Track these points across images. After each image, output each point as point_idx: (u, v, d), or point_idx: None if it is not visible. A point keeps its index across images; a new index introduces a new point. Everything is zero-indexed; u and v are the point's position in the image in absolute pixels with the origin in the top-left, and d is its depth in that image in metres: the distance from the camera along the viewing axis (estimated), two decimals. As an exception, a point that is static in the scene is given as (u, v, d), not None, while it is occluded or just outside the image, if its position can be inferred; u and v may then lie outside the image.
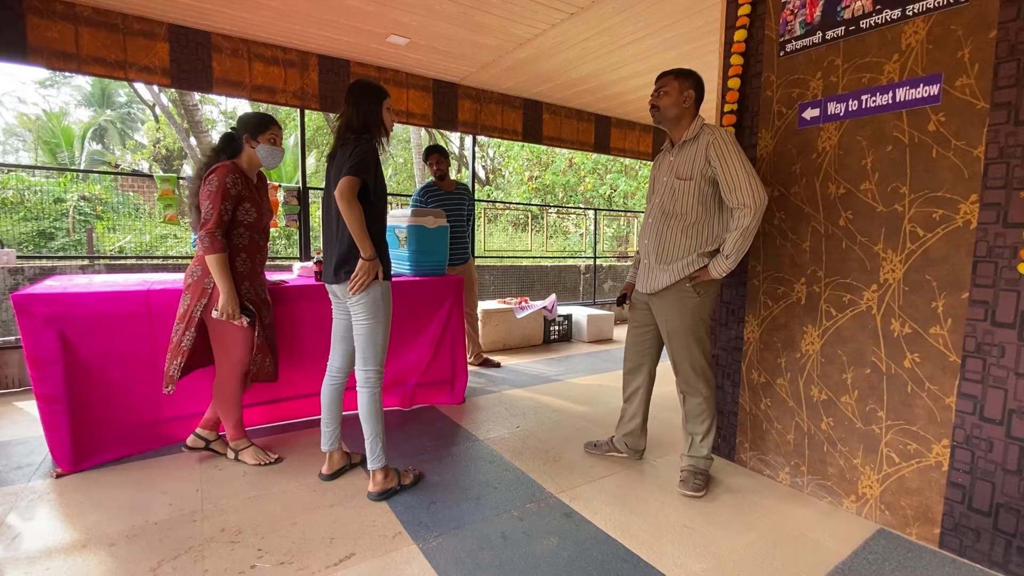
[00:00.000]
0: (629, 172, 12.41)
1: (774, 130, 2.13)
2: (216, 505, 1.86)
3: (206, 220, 1.93)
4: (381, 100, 1.89)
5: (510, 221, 12.23)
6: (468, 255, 3.82)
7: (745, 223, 1.80)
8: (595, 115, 5.37)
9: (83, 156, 14.01)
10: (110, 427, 2.17)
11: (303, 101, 3.78)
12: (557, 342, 4.93)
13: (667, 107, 1.95)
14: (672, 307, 1.99)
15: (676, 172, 1.96)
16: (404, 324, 2.84)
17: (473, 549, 1.64)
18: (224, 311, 1.95)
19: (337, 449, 2.08)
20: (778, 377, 2.14)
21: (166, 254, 7.25)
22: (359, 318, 1.88)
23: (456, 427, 2.67)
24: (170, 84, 3.36)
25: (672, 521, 1.83)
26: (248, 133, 2.05)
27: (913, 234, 1.73)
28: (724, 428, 2.35)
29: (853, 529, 1.81)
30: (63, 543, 1.62)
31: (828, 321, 1.97)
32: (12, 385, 3.14)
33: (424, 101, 4.30)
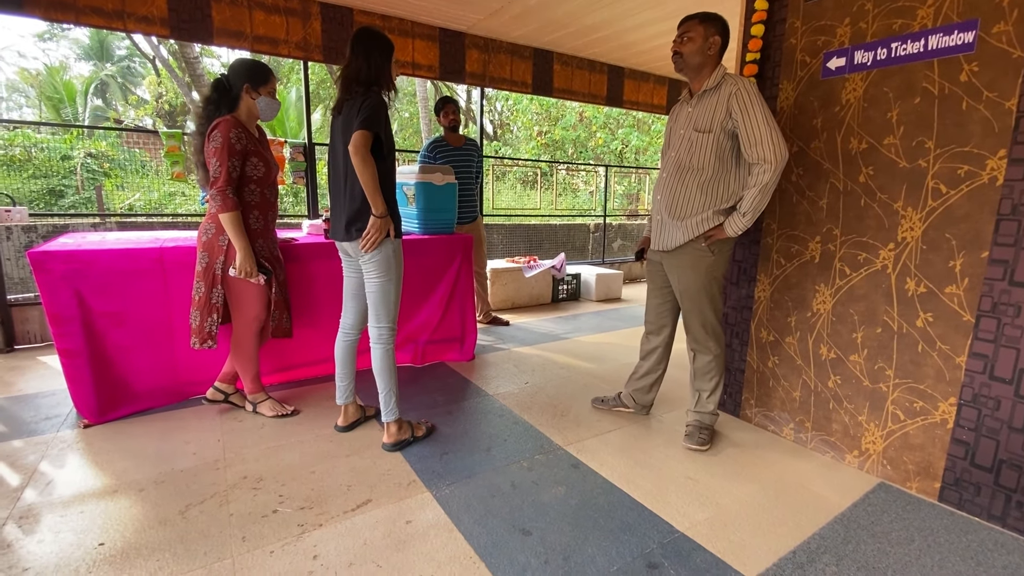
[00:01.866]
0: (641, 127, 12.05)
1: (796, 81, 2.04)
2: (237, 454, 1.94)
3: (215, 178, 1.91)
4: (390, 53, 1.83)
5: (518, 178, 12.04)
6: (476, 213, 3.78)
7: (764, 179, 1.75)
8: (608, 66, 5.17)
9: (86, 112, 13.83)
10: (131, 381, 2.24)
11: (306, 52, 3.66)
12: (565, 301, 4.94)
13: (691, 54, 1.85)
14: (685, 265, 1.97)
15: (694, 124, 1.89)
16: (414, 282, 2.85)
17: (484, 496, 1.71)
18: (242, 269, 1.97)
19: (352, 402, 2.14)
20: (787, 336, 2.14)
21: (175, 212, 7.26)
22: (371, 276, 1.89)
23: (466, 382, 2.73)
24: (169, 35, 3.26)
25: (676, 473, 1.89)
26: (249, 83, 1.99)
27: (936, 191, 1.68)
28: (730, 385, 2.38)
29: (854, 482, 1.85)
30: (95, 488, 1.71)
31: (841, 280, 1.95)
32: (34, 340, 3.23)
33: (430, 52, 4.15)
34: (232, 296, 2.09)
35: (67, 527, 1.51)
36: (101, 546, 1.44)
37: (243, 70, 1.99)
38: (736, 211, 1.85)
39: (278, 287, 2.15)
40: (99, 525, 1.52)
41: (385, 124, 1.78)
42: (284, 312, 2.20)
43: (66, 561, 1.37)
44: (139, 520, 1.55)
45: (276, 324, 2.16)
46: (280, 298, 2.15)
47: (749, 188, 1.80)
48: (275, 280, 2.12)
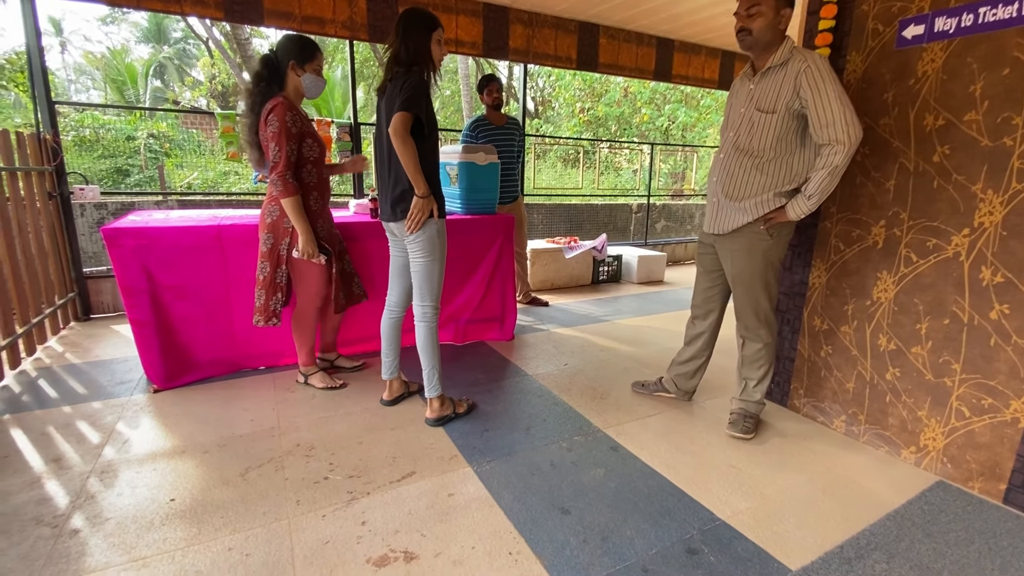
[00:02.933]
0: (690, 102, 11.57)
1: (866, 52, 1.90)
2: (291, 423, 2.05)
3: (275, 163, 1.97)
4: (431, 31, 1.81)
5: (559, 156, 11.86)
6: (518, 193, 3.76)
7: (836, 161, 1.63)
8: (656, 38, 4.96)
9: (147, 93, 14.51)
10: (193, 351, 2.38)
11: (352, 32, 3.69)
12: (606, 283, 4.89)
13: (761, 30, 1.70)
14: (741, 249, 1.89)
15: (756, 103, 1.78)
16: (457, 262, 2.89)
17: (524, 474, 1.74)
18: (304, 251, 2.06)
19: (396, 378, 2.21)
20: (843, 324, 2.05)
21: (229, 190, 7.58)
22: (416, 255, 1.92)
23: (506, 362, 2.76)
24: (223, 17, 3.35)
25: (719, 460, 1.86)
26: (295, 60, 2.01)
27: (1021, 172, 1.55)
28: (779, 374, 2.30)
29: (910, 479, 1.78)
30: (165, 448, 1.85)
31: (906, 267, 1.84)
32: (107, 311, 3.49)
33: (474, 28, 4.09)
34: (296, 274, 2.18)
35: (142, 483, 1.65)
36: (172, 501, 1.56)
37: (290, 46, 2.01)
38: (800, 193, 1.74)
39: (337, 262, 2.25)
40: (170, 482, 1.65)
41: (426, 104, 1.78)
42: (350, 282, 2.34)
43: (142, 514, 1.50)
44: (204, 479, 1.67)
45: (346, 295, 2.29)
46: (340, 272, 2.27)
47: (817, 170, 1.68)
48: (334, 256, 2.21)
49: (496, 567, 1.33)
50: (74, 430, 1.96)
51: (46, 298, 2.92)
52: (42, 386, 2.33)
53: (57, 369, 2.53)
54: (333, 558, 1.35)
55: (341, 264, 2.31)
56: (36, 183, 2.92)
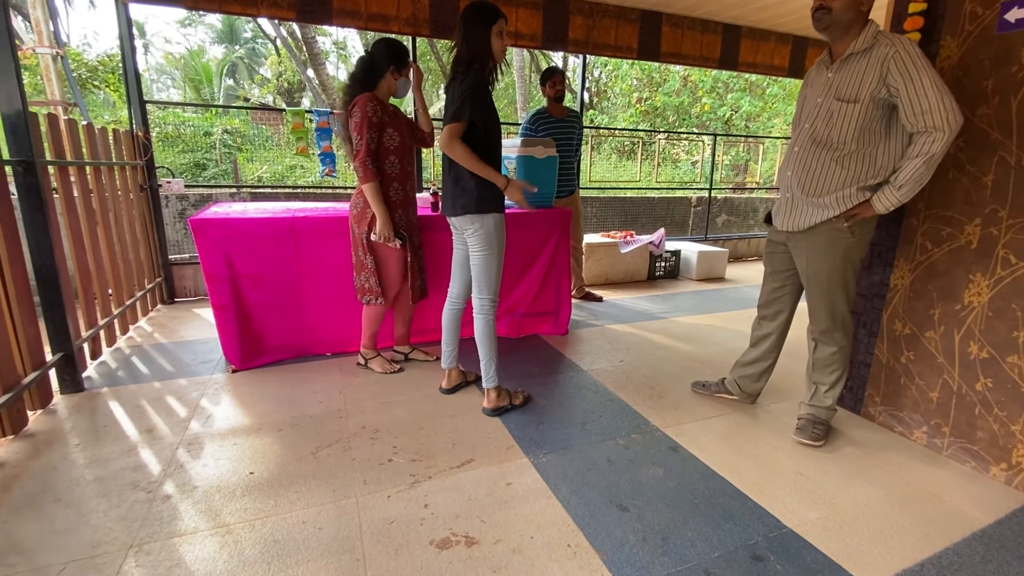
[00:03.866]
0: (754, 90, 11.03)
1: (963, 36, 1.75)
2: (357, 406, 2.15)
3: (357, 151, 2.09)
4: (490, 25, 1.82)
5: (614, 148, 11.63)
6: (575, 186, 3.74)
7: (934, 149, 1.51)
8: (723, 25, 4.75)
9: (221, 91, 15.44)
10: (267, 335, 2.54)
11: (415, 28, 3.77)
12: (663, 279, 4.78)
13: (842, 9, 1.59)
14: (819, 247, 1.79)
15: (836, 92, 1.68)
16: (513, 256, 2.91)
17: (580, 468, 1.75)
18: (381, 234, 2.17)
19: (455, 367, 2.27)
20: (927, 329, 1.91)
21: (296, 183, 7.96)
22: (475, 249, 1.96)
23: (560, 356, 2.77)
24: (296, 18, 3.51)
25: (785, 467, 1.79)
26: (395, 65, 2.15)
27: None
28: (853, 379, 2.18)
29: (999, 498, 1.64)
30: (243, 425, 1.99)
31: (1004, 270, 1.69)
32: (189, 295, 3.77)
33: (534, 20, 4.08)
34: (376, 259, 2.30)
35: (224, 455, 1.78)
36: (251, 474, 1.68)
37: (389, 53, 2.15)
38: (890, 184, 1.62)
39: (414, 253, 2.33)
40: (248, 456, 1.78)
41: (481, 105, 1.80)
42: (417, 279, 2.41)
43: (226, 484, 1.62)
44: (279, 455, 1.79)
45: (416, 290, 2.36)
46: (416, 266, 2.35)
47: (911, 158, 1.56)
48: (411, 247, 2.30)
49: (555, 558, 1.35)
50: (164, 404, 2.14)
51: (138, 282, 3.19)
52: (135, 363, 2.56)
53: (148, 348, 2.77)
54: (398, 537, 1.41)
55: (417, 257, 2.38)
56: (130, 176, 3.19)
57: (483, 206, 1.90)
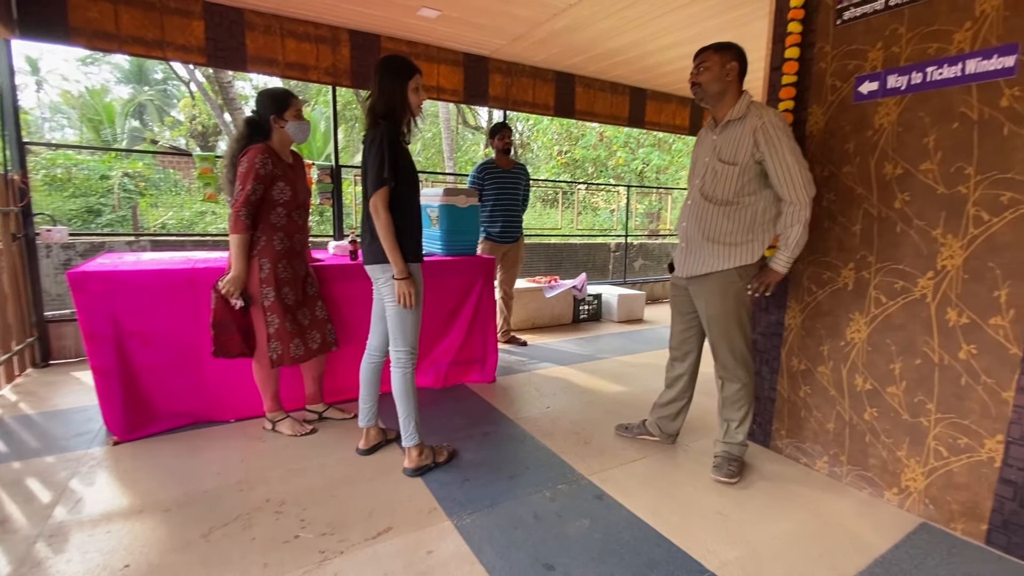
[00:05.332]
0: (662, 146, 12.04)
1: (826, 105, 2.01)
2: (260, 476, 1.94)
3: (235, 199, 1.98)
4: (406, 79, 1.84)
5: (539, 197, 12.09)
6: (520, 233, 3.88)
7: (804, 215, 1.78)
8: (630, 87, 5.19)
9: (124, 133, 14.44)
10: (159, 400, 2.27)
11: (335, 78, 3.77)
12: (587, 321, 4.90)
13: (709, 82, 1.85)
14: (713, 291, 1.94)
15: (719, 154, 1.88)
16: (438, 304, 2.86)
17: (506, 527, 1.67)
18: (227, 286, 2.01)
19: (374, 425, 2.14)
20: (819, 365, 2.08)
21: (205, 231, 7.47)
22: (388, 300, 1.91)
23: (488, 406, 2.71)
24: (206, 63, 3.39)
25: (705, 507, 1.82)
26: (274, 113, 2.06)
27: (977, 218, 1.63)
28: (760, 414, 2.30)
29: (894, 522, 1.76)
30: (121, 508, 1.73)
31: (877, 308, 1.89)
32: (69, 356, 3.33)
33: (455, 76, 4.23)
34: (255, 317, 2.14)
35: (94, 547, 1.53)
36: (126, 568, 1.44)
37: (266, 102, 2.06)
38: (781, 248, 1.84)
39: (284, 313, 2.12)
40: (125, 546, 1.53)
41: (396, 157, 1.79)
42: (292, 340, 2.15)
43: (92, 583, 1.38)
44: (164, 542, 1.56)
45: (280, 355, 2.13)
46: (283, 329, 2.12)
47: (790, 226, 1.80)
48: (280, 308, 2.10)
49: (478, 632, 1.25)
50: (23, 488, 1.82)
51: (2, 344, 2.77)
52: (-10, 440, 2.18)
53: (9, 420, 2.38)
54: (302, 628, 1.25)
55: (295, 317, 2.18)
56: (0, 224, 2.83)
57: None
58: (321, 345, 2.26)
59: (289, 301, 2.14)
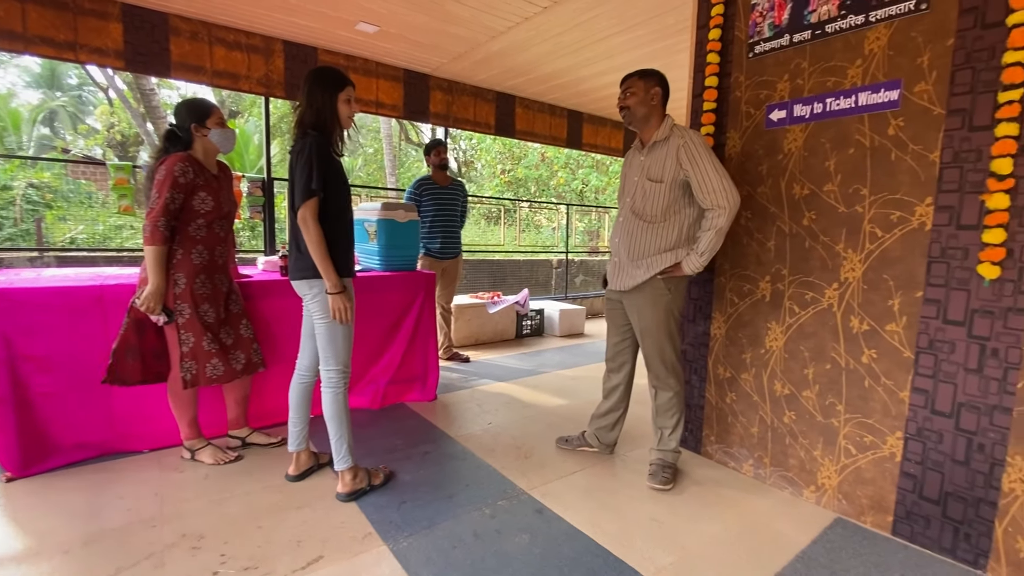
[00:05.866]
0: (600, 167, 12.50)
1: (742, 130, 2.17)
2: (176, 509, 1.79)
3: (151, 209, 1.85)
4: (337, 91, 1.79)
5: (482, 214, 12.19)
6: (458, 250, 3.86)
7: (720, 223, 1.85)
8: (568, 110, 5.37)
9: (32, 141, 13.22)
10: (61, 430, 2.06)
11: (268, 88, 3.65)
12: (529, 337, 4.94)
13: (636, 105, 1.97)
14: (645, 304, 2.02)
15: (647, 173, 1.98)
16: (375, 320, 2.79)
17: (445, 548, 1.63)
18: (145, 302, 1.87)
19: (304, 449, 2.03)
20: (743, 372, 2.20)
21: (121, 246, 6.92)
22: (317, 317, 1.84)
23: (427, 425, 2.65)
24: (124, 67, 3.19)
25: (641, 515, 1.86)
26: (195, 122, 1.95)
27: (872, 234, 1.80)
28: (691, 422, 2.40)
29: (812, 518, 1.88)
30: (14, 551, 1.54)
31: (791, 318, 2.03)
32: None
33: (395, 91, 4.21)
34: (168, 338, 2.00)
35: (-30, 602, 1.34)
36: (9, 623, 1.28)
37: (185, 112, 1.96)
38: (693, 251, 1.92)
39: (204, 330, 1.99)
40: (9, 598, 1.36)
41: (326, 170, 1.74)
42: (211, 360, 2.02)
43: (-35, 644, 1.21)
44: (57, 590, 1.39)
45: (195, 374, 1.98)
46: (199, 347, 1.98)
47: (705, 231, 1.88)
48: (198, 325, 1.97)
49: (412, 660, 1.20)
50: None
51: None
52: None
53: None
54: (218, 673, 1.15)
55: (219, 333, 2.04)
56: None
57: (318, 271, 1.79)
58: (246, 366, 2.12)
59: (209, 319, 2.01)
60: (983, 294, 1.56)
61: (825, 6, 1.88)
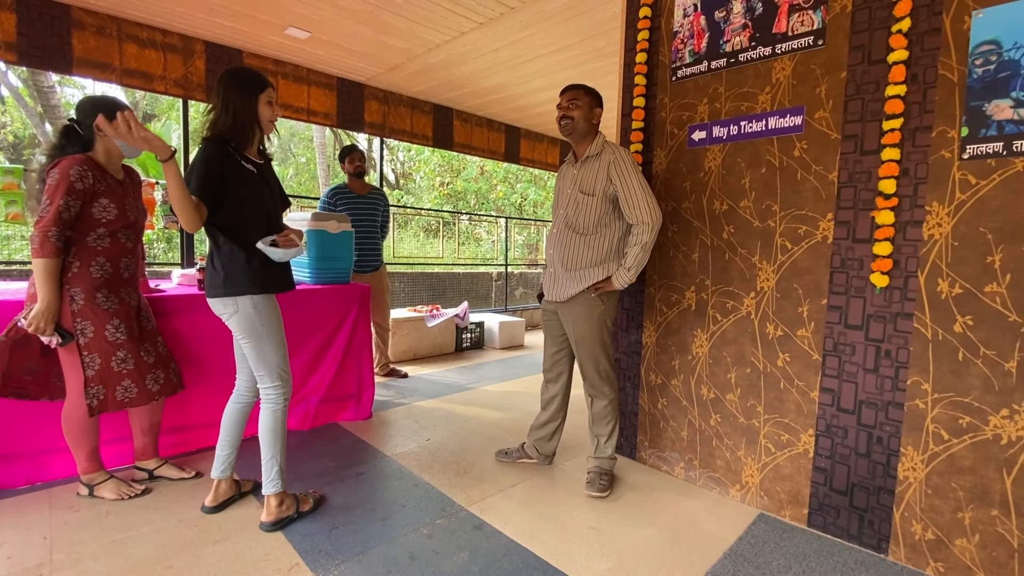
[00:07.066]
0: (538, 182, 12.77)
1: (667, 149, 2.29)
2: (70, 554, 1.59)
3: (40, 217, 1.65)
4: (257, 92, 1.68)
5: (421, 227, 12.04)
6: (380, 262, 3.68)
7: (644, 239, 1.93)
8: (505, 125, 5.46)
9: None
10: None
11: (187, 91, 3.43)
12: (469, 350, 4.90)
13: (579, 120, 2.02)
14: (579, 315, 2.06)
15: (580, 186, 2.04)
16: (306, 336, 2.66)
17: (379, 574, 1.56)
18: (33, 321, 1.65)
19: (228, 477, 1.88)
20: (673, 378, 2.29)
21: (9, 259, 6.17)
22: (238, 336, 1.73)
23: (362, 444, 2.55)
24: (17, 61, 2.89)
25: (579, 523, 1.88)
26: (104, 116, 1.73)
27: (783, 247, 1.95)
28: (626, 428, 2.47)
29: (738, 516, 1.98)
30: None
31: (714, 325, 2.15)
32: None
33: (327, 99, 4.09)
34: (63, 360, 1.80)
35: None
36: None
37: (90, 107, 1.77)
38: (621, 266, 1.99)
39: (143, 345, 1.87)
40: None
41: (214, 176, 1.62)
42: (167, 368, 1.94)
43: None
44: (-88, 660, 1.19)
45: (102, 400, 1.80)
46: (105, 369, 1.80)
47: (631, 246, 1.96)
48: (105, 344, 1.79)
49: None
50: None
51: None
52: None
53: None
54: None
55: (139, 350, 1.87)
56: None
57: (232, 288, 1.67)
58: (163, 387, 1.94)
59: (120, 335, 1.82)
60: (876, 301, 1.73)
61: (738, 37, 2.03)
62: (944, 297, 1.61)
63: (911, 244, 1.66)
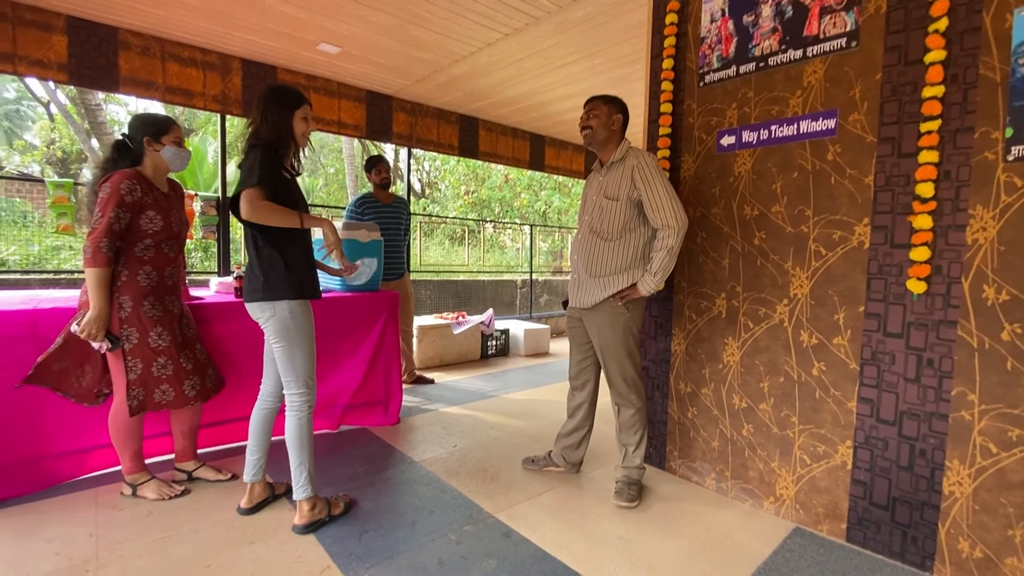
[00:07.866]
0: (562, 189, 12.76)
1: (695, 154, 2.27)
2: (114, 552, 1.66)
3: (93, 229, 1.75)
4: (293, 108, 1.78)
5: (447, 235, 12.16)
6: (404, 270, 3.74)
7: (669, 243, 1.91)
8: (530, 133, 5.49)
9: (-42, 156, 12.38)
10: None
11: (224, 106, 3.56)
12: (495, 357, 4.91)
13: (598, 128, 2.04)
14: (604, 322, 2.05)
15: (604, 192, 2.04)
16: (335, 342, 2.72)
17: (408, 578, 1.57)
18: (86, 327, 1.75)
19: (260, 480, 1.93)
20: (703, 387, 2.25)
21: (59, 268, 6.50)
22: (272, 341, 1.78)
23: (390, 449, 2.58)
24: (68, 81, 3.05)
25: (608, 533, 1.86)
26: (149, 135, 1.88)
27: (817, 253, 1.90)
28: (655, 437, 2.43)
29: (772, 529, 1.92)
30: (-85, 610, 1.38)
31: (746, 333, 2.11)
32: None
33: (357, 112, 4.19)
34: (111, 364, 1.88)
35: None
36: None
37: (140, 124, 1.89)
38: (647, 271, 1.98)
39: (183, 352, 1.95)
40: (-86, 661, 1.22)
41: (272, 177, 1.71)
42: (203, 374, 2.02)
43: None
44: (-27, 648, 1.26)
45: (141, 401, 1.88)
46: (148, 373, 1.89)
47: (657, 251, 1.94)
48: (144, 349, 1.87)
49: None
50: None
51: None
52: None
53: None
54: None
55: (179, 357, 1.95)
56: None
57: (271, 292, 1.73)
58: (199, 392, 2.02)
59: (163, 343, 1.90)
60: (917, 308, 1.67)
61: (767, 41, 2.01)
62: (991, 304, 1.54)
63: (953, 249, 1.60)
